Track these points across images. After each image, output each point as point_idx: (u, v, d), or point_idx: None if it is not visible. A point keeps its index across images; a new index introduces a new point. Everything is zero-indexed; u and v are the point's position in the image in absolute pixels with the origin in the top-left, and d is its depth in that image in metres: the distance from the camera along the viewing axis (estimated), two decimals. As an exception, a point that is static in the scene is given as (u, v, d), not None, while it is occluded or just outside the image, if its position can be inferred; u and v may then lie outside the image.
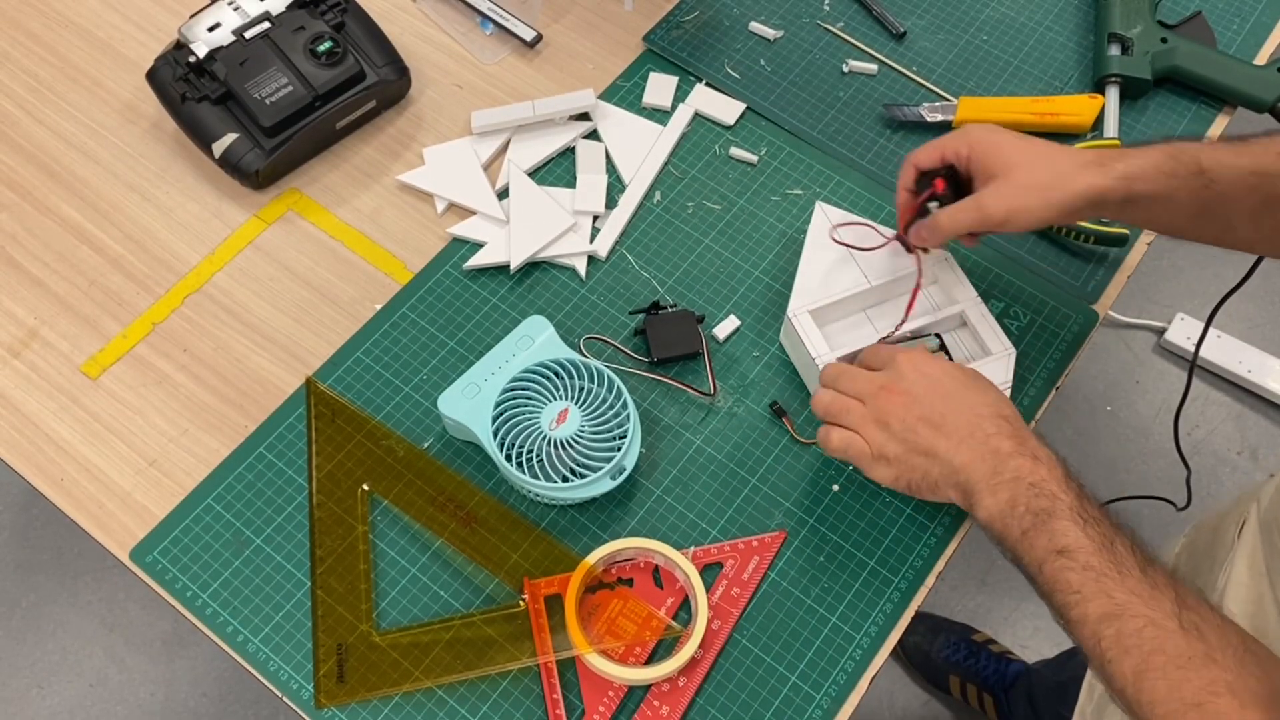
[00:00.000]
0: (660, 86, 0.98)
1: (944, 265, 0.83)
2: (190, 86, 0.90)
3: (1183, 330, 1.78)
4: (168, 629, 1.55)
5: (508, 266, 0.88)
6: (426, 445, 0.81)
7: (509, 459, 0.76)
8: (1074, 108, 0.95)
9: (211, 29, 0.92)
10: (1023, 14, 1.04)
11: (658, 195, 0.93)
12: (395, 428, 0.81)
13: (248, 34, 0.91)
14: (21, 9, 1.02)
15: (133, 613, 1.57)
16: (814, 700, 0.72)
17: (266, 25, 0.92)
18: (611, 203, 0.92)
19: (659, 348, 0.83)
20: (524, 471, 0.76)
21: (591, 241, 0.89)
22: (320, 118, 0.91)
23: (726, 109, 0.97)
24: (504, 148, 0.95)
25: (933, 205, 0.77)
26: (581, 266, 0.88)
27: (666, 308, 0.85)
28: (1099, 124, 0.96)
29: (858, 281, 0.82)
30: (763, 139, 0.96)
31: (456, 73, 1.00)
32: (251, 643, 0.74)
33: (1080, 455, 1.71)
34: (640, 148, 0.94)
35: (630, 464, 0.77)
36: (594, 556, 0.74)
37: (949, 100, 0.97)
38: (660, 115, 0.97)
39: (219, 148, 0.89)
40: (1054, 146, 0.74)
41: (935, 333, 0.82)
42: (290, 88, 0.89)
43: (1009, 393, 0.77)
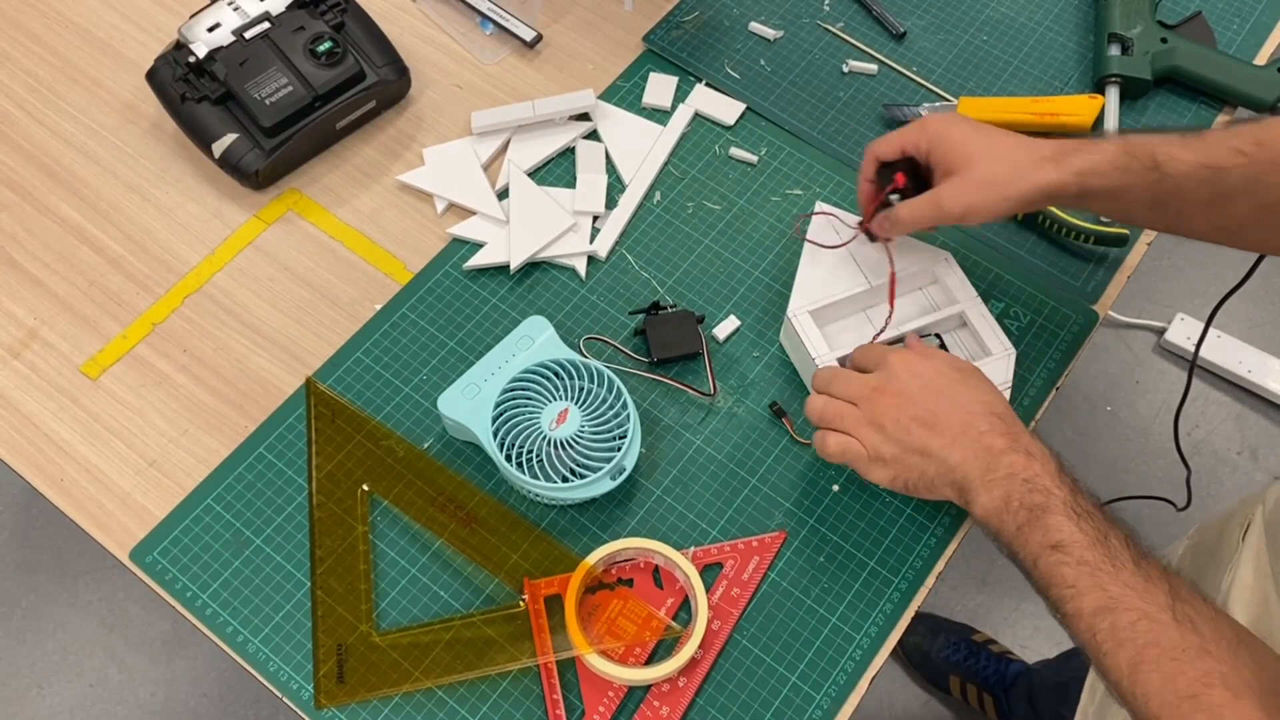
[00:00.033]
0: (660, 86, 0.98)
1: (944, 265, 0.83)
2: (190, 86, 0.90)
3: (1183, 330, 1.78)
4: (168, 629, 1.55)
5: (508, 266, 0.88)
6: (426, 445, 0.81)
7: (509, 459, 0.76)
8: (1074, 108, 0.94)
9: (211, 29, 0.92)
10: (1023, 14, 1.04)
11: (658, 195, 0.93)
12: (395, 428, 0.81)
13: (248, 34, 0.91)
14: (21, 9, 1.02)
15: (133, 613, 1.57)
16: (814, 700, 0.72)
17: (266, 25, 0.92)
18: (611, 203, 0.92)
19: (659, 348, 0.83)
20: (524, 472, 0.76)
21: (591, 242, 0.89)
22: (320, 118, 0.91)
23: (726, 109, 0.97)
24: (504, 148, 0.95)
25: (894, 197, 0.79)
26: (581, 267, 0.88)
27: (666, 308, 0.85)
28: (1099, 124, 0.96)
29: (858, 282, 0.82)
30: (763, 139, 0.96)
31: (456, 73, 1.00)
32: (251, 643, 0.74)
33: (1080, 455, 1.71)
34: (640, 148, 0.94)
35: (630, 464, 0.77)
36: (594, 557, 0.74)
37: (949, 100, 0.97)
38: (660, 115, 0.97)
39: (219, 148, 0.89)
40: (1010, 140, 0.74)
41: (935, 333, 0.82)
42: (290, 88, 0.89)
43: (1009, 393, 0.77)
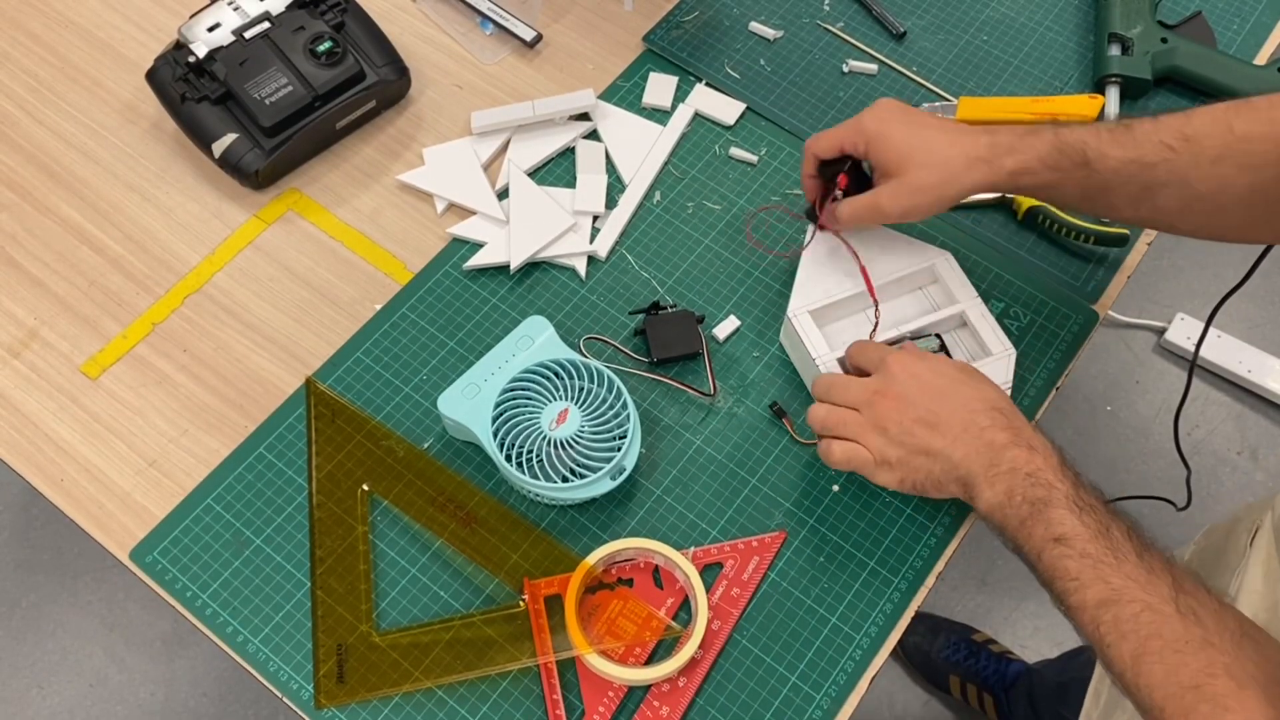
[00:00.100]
0: (660, 86, 0.98)
1: (944, 265, 0.83)
2: (190, 86, 0.90)
3: (1183, 330, 1.78)
4: (168, 629, 1.55)
5: (508, 266, 0.88)
6: (426, 445, 0.81)
7: (509, 459, 0.76)
8: (1074, 108, 0.94)
9: (211, 29, 0.92)
10: (1023, 14, 1.04)
11: (658, 195, 0.93)
12: (395, 428, 0.81)
13: (247, 34, 0.91)
14: (21, 9, 1.02)
15: (133, 613, 1.57)
16: (814, 700, 0.72)
17: (266, 25, 0.92)
18: (611, 203, 0.92)
19: (659, 348, 0.83)
20: (524, 472, 0.75)
21: (591, 241, 0.89)
22: (320, 118, 0.91)
23: (726, 109, 0.97)
24: (504, 148, 0.95)
25: (838, 193, 0.81)
26: (581, 266, 0.88)
27: (666, 308, 0.85)
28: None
29: (858, 282, 0.82)
30: (763, 139, 0.96)
31: (456, 73, 1.00)
32: (251, 643, 0.74)
33: (1080, 455, 1.71)
34: (640, 148, 0.94)
35: (630, 464, 0.77)
36: (594, 557, 0.74)
37: (949, 100, 0.97)
38: (660, 115, 0.97)
39: (219, 148, 0.89)
40: (944, 138, 0.76)
41: (935, 333, 0.82)
42: (290, 88, 0.89)
43: (1009, 393, 0.77)
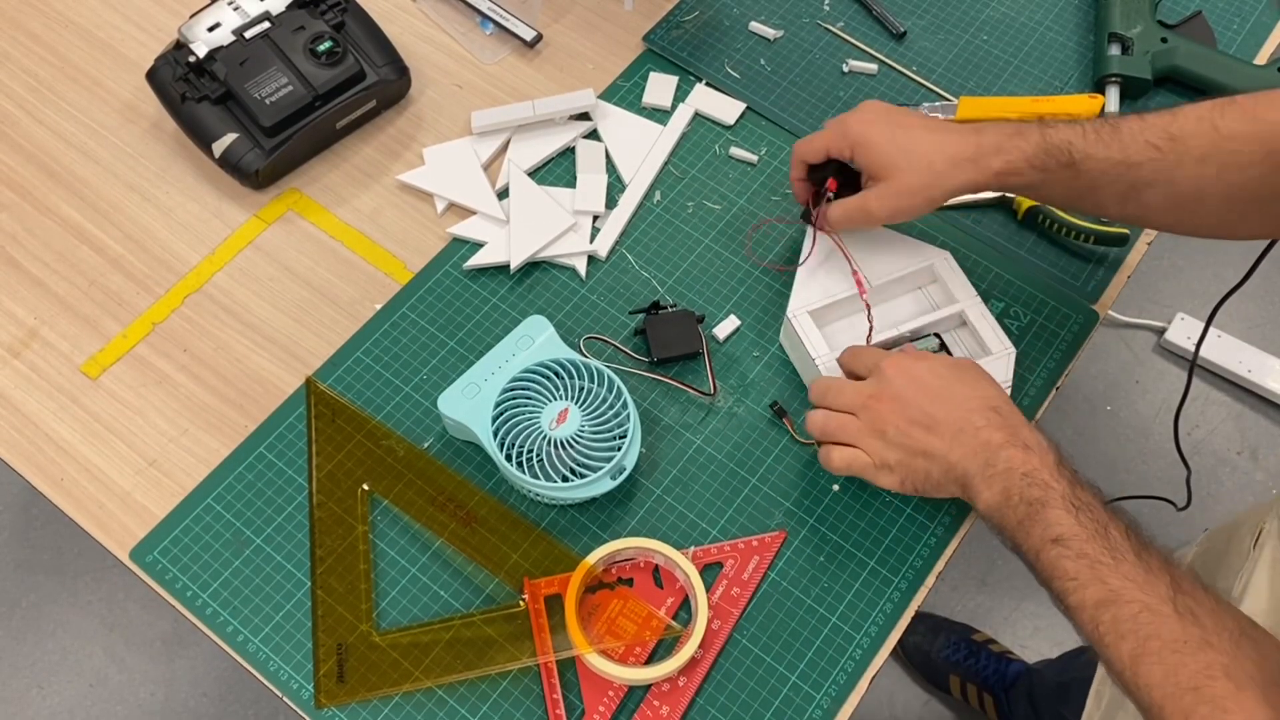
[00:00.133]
0: (660, 86, 0.98)
1: (944, 264, 0.83)
2: (190, 86, 0.90)
3: (1183, 330, 1.78)
4: (168, 629, 1.55)
5: (508, 266, 0.88)
6: (426, 445, 0.81)
7: (509, 459, 0.76)
8: (1074, 107, 0.94)
9: (211, 29, 0.92)
10: (1023, 14, 1.04)
11: (658, 195, 0.93)
12: (395, 428, 0.81)
13: (248, 34, 0.91)
14: (21, 9, 1.02)
15: (133, 613, 1.57)
16: (814, 700, 0.72)
17: (266, 25, 0.92)
18: (611, 202, 0.92)
19: (659, 348, 0.83)
20: (524, 471, 0.76)
21: (591, 241, 0.89)
22: (320, 118, 0.91)
23: (726, 109, 0.97)
24: (504, 148, 0.95)
25: (830, 195, 0.82)
26: (581, 266, 0.88)
27: (666, 308, 0.85)
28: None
29: (837, 264, 0.82)
30: (763, 139, 0.96)
31: (456, 73, 1.00)
32: (251, 643, 0.74)
33: (1080, 455, 1.71)
34: (640, 148, 0.94)
35: (630, 464, 0.77)
36: (594, 556, 0.74)
37: (949, 100, 0.97)
38: (660, 115, 0.97)
39: (219, 148, 0.89)
40: (930, 140, 0.76)
41: (935, 332, 0.82)
42: (290, 88, 0.89)
43: (1009, 392, 0.77)
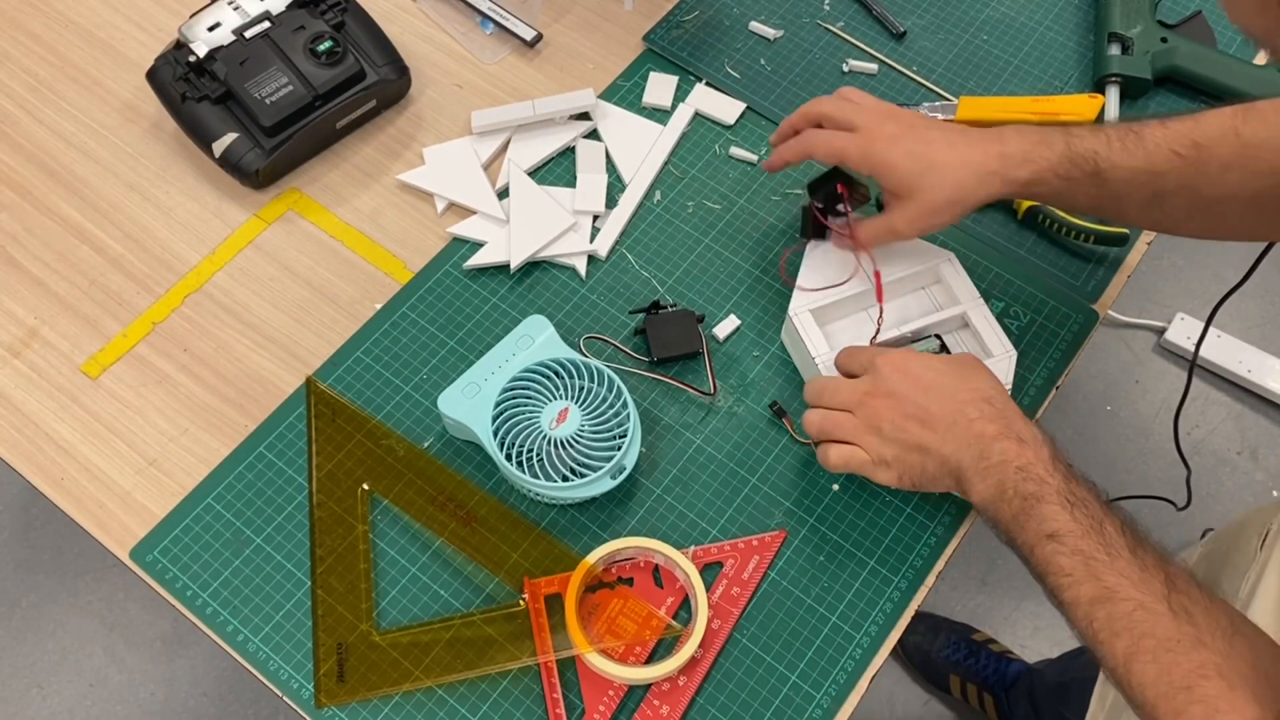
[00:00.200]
0: (660, 86, 0.98)
1: (947, 265, 0.83)
2: (190, 86, 0.90)
3: (1183, 330, 1.78)
4: (168, 629, 1.55)
5: (508, 266, 0.88)
6: (426, 445, 0.81)
7: (509, 458, 0.76)
8: (1074, 108, 0.94)
9: (211, 29, 0.92)
10: (1023, 14, 1.04)
11: (658, 195, 0.93)
12: (395, 427, 0.81)
13: (248, 34, 0.91)
14: (21, 9, 1.02)
15: (133, 612, 1.57)
16: (814, 700, 0.72)
17: (266, 25, 0.92)
18: (611, 202, 0.92)
19: (659, 347, 0.83)
20: (524, 471, 0.76)
21: (591, 241, 0.89)
22: (320, 117, 0.91)
23: (726, 109, 0.97)
24: (504, 147, 0.95)
25: (847, 209, 0.82)
26: (581, 266, 0.88)
27: (666, 307, 0.85)
28: (1099, 123, 0.96)
29: (860, 281, 0.82)
30: (763, 139, 0.96)
31: (456, 72, 1.00)
32: (251, 642, 0.74)
33: (1080, 455, 1.70)
34: (640, 147, 0.94)
35: (630, 463, 0.77)
36: (594, 556, 0.74)
37: (949, 100, 0.97)
38: (660, 115, 0.97)
39: (219, 147, 0.89)
40: (954, 156, 0.75)
41: (936, 334, 0.82)
42: (290, 87, 0.89)
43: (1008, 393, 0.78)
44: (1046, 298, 0.88)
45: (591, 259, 0.89)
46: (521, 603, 0.74)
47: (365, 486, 0.79)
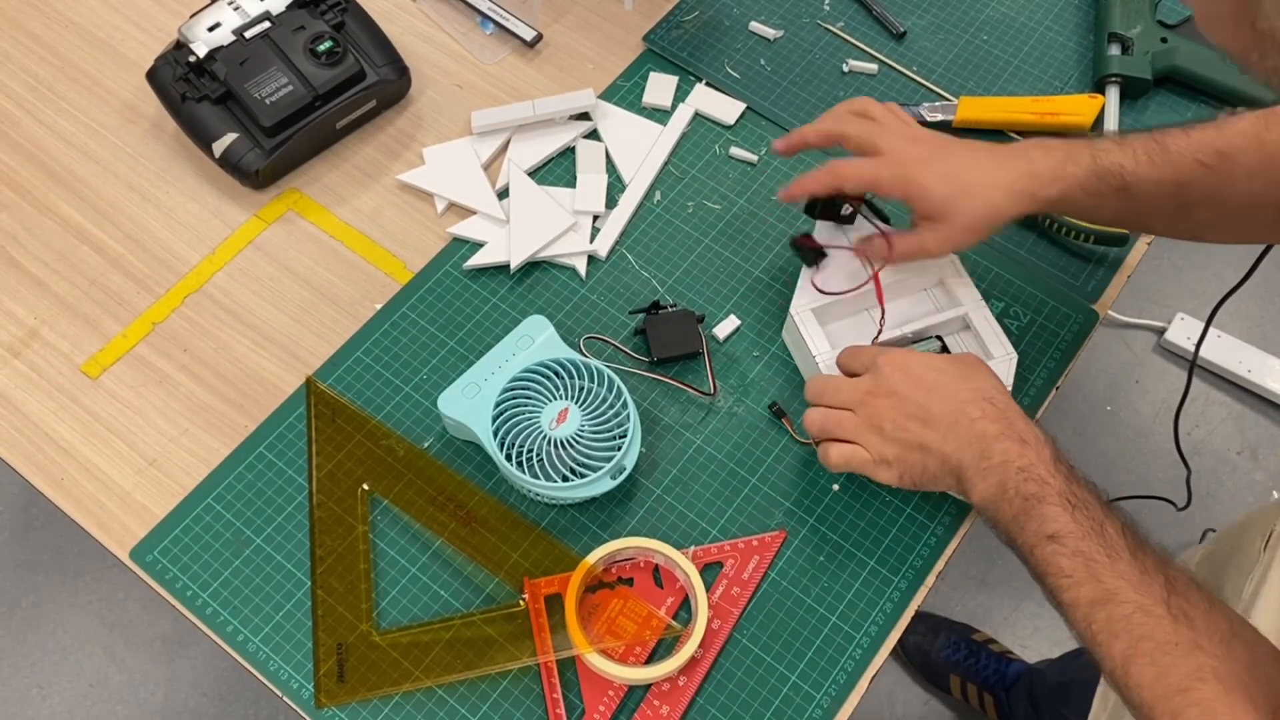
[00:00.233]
0: (660, 86, 0.98)
1: (949, 267, 0.83)
2: (190, 86, 0.90)
3: (1183, 330, 1.78)
4: (168, 629, 1.55)
5: (508, 266, 0.88)
6: (426, 445, 0.81)
7: (509, 459, 0.76)
8: (1074, 108, 0.95)
9: (211, 29, 0.92)
10: (1023, 14, 1.04)
11: (658, 195, 0.93)
12: (395, 427, 0.81)
13: (248, 34, 0.91)
14: (21, 9, 1.02)
15: (133, 613, 1.57)
16: (814, 700, 0.72)
17: (266, 25, 0.92)
18: (611, 202, 0.92)
19: (659, 347, 0.83)
20: (524, 471, 0.76)
21: (591, 241, 0.89)
22: (320, 118, 0.91)
23: (726, 109, 0.97)
24: (504, 147, 0.95)
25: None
26: (581, 266, 0.88)
27: (666, 307, 0.85)
28: (1099, 124, 0.96)
29: (861, 280, 0.82)
30: (763, 139, 0.96)
31: (456, 73, 1.00)
32: (251, 642, 0.74)
33: (1080, 455, 1.69)
34: (640, 148, 0.94)
35: (630, 464, 0.77)
36: (594, 556, 0.74)
37: (949, 100, 0.97)
38: (660, 115, 0.97)
39: (219, 148, 0.89)
40: (983, 177, 0.75)
41: (936, 334, 0.82)
42: (290, 87, 0.89)
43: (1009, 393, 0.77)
44: (1046, 298, 0.88)
45: (591, 259, 0.89)
46: (521, 603, 0.74)
47: (365, 486, 0.79)
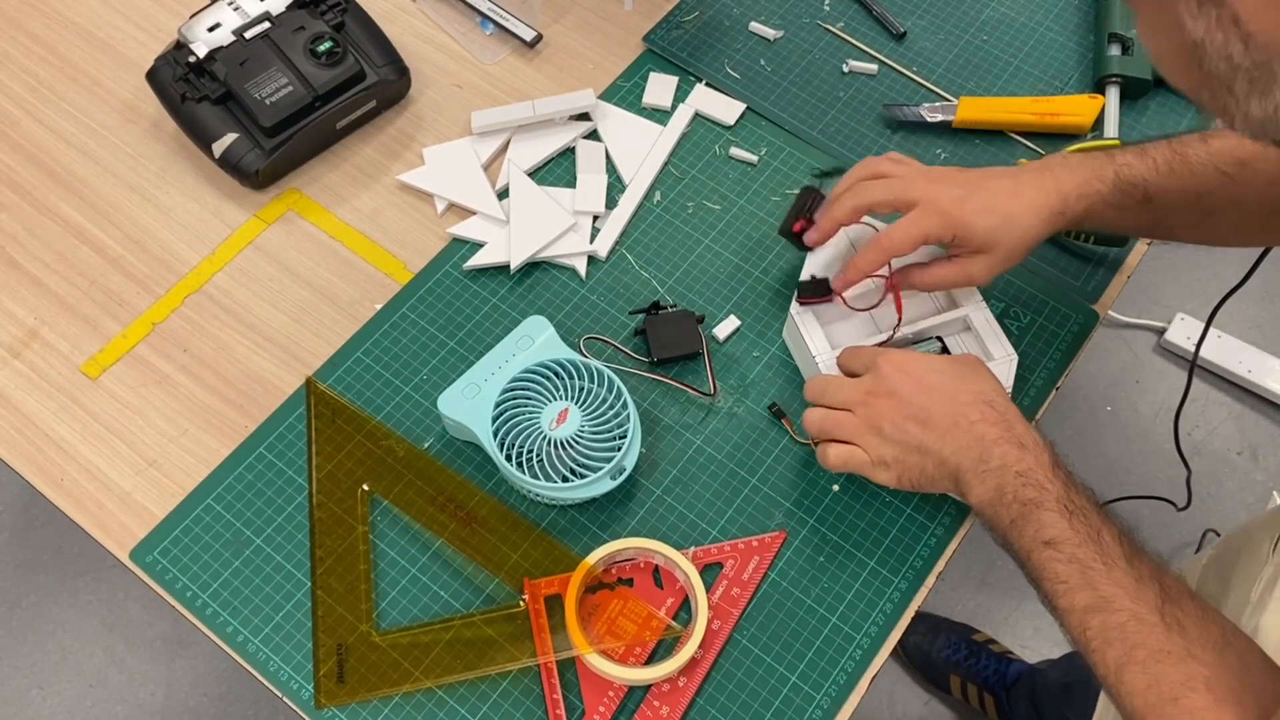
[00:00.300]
0: (660, 86, 0.98)
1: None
2: (190, 86, 0.90)
3: (1183, 330, 1.78)
4: (168, 629, 1.55)
5: (508, 266, 0.88)
6: (426, 445, 0.81)
7: (509, 459, 0.76)
8: (1074, 108, 0.94)
9: (211, 29, 0.92)
10: (1023, 14, 1.04)
11: (658, 195, 0.93)
12: (395, 428, 0.81)
13: (248, 34, 0.91)
14: (21, 9, 1.02)
15: (133, 613, 1.57)
16: (814, 700, 0.72)
17: (266, 25, 0.92)
18: (611, 203, 0.92)
19: (659, 348, 0.83)
20: (524, 471, 0.75)
21: (591, 241, 0.89)
22: (320, 118, 0.90)
23: (726, 109, 0.97)
24: (504, 148, 0.95)
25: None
26: (581, 266, 0.88)
27: (666, 308, 0.85)
28: (1099, 124, 0.96)
29: (862, 280, 0.82)
30: (763, 139, 0.96)
31: (456, 73, 1.00)
32: (251, 643, 0.74)
33: (1080, 455, 1.71)
34: (640, 148, 0.94)
35: (630, 464, 0.77)
36: (594, 556, 0.74)
37: (949, 100, 0.97)
38: (660, 115, 0.97)
39: (219, 148, 0.89)
40: (1018, 205, 0.75)
41: (936, 335, 0.82)
42: (290, 88, 0.89)
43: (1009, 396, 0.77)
44: (1046, 298, 0.88)
45: (591, 259, 0.89)
46: (521, 603, 0.74)
47: (365, 487, 0.79)
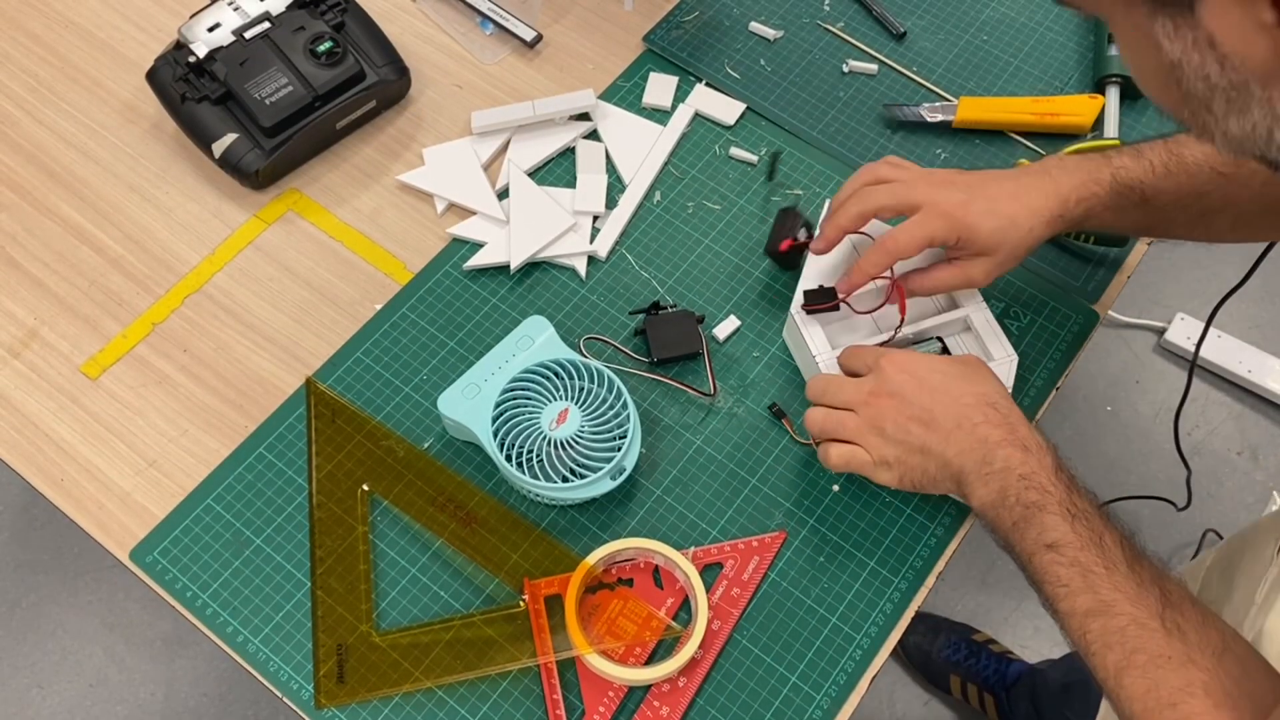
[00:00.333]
0: (660, 86, 0.98)
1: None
2: (190, 86, 0.90)
3: (1183, 330, 1.78)
4: (168, 629, 1.55)
5: (508, 266, 0.88)
6: (426, 445, 0.81)
7: (509, 459, 0.76)
8: (1074, 108, 0.94)
9: (211, 29, 0.92)
10: (1023, 14, 1.04)
11: (658, 195, 0.93)
12: (395, 428, 0.81)
13: (248, 34, 0.91)
14: (21, 9, 1.02)
15: (133, 613, 1.57)
16: (814, 700, 0.72)
17: (266, 25, 0.92)
18: (611, 203, 0.92)
19: (659, 348, 0.83)
20: (524, 472, 0.75)
21: (591, 241, 0.89)
22: (320, 118, 0.90)
23: (726, 109, 0.97)
24: (504, 148, 0.95)
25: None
26: (581, 266, 0.88)
27: (666, 308, 0.85)
28: (1099, 124, 0.96)
29: (866, 284, 0.82)
30: (763, 139, 0.96)
31: (456, 73, 1.00)
32: (251, 643, 0.74)
33: (1080, 455, 1.71)
34: (640, 148, 0.94)
35: (630, 464, 0.77)
36: (594, 557, 0.74)
37: (949, 100, 0.97)
38: (660, 115, 0.97)
39: (219, 148, 0.89)
40: (1018, 206, 0.75)
41: (937, 336, 0.82)
42: (290, 88, 0.89)
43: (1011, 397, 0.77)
44: (1046, 298, 0.88)
45: (591, 259, 0.89)
46: (521, 604, 0.74)
47: (365, 487, 0.79)
